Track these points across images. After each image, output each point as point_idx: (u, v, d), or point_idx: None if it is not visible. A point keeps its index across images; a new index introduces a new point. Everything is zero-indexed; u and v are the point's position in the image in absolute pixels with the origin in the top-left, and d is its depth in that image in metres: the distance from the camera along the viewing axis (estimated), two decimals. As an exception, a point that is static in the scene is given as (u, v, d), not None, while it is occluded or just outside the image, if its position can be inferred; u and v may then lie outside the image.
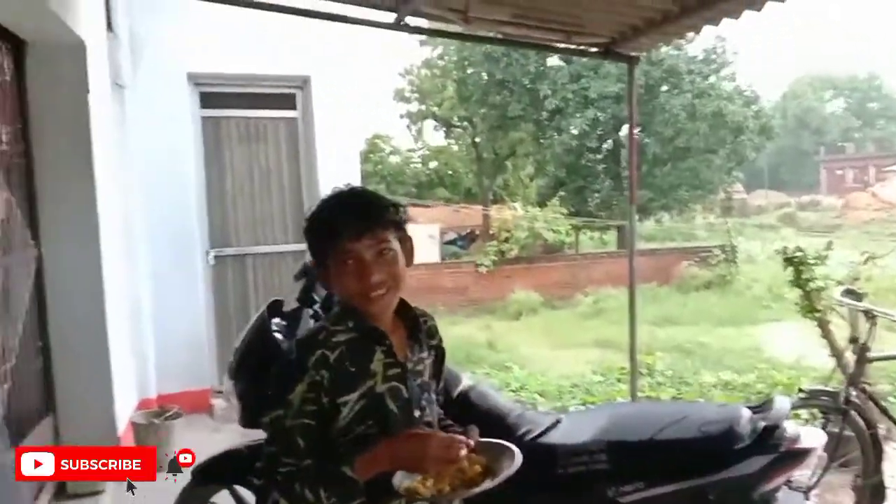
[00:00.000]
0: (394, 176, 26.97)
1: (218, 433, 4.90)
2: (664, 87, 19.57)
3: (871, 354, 3.29)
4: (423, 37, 20.48)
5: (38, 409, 3.71)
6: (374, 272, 1.41)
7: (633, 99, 4.18)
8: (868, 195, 34.89)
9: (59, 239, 3.86)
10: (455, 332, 12.47)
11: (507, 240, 17.14)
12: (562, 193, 20.46)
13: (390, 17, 3.78)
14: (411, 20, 3.82)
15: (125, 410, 4.41)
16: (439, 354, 1.65)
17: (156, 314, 5.32)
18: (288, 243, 6.06)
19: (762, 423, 2.35)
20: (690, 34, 3.91)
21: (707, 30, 3.75)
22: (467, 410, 2.19)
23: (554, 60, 19.84)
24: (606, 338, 10.76)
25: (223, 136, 5.89)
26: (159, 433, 4.16)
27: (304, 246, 1.60)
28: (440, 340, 1.67)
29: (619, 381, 7.37)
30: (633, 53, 4.08)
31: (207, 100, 5.80)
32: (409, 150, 29.90)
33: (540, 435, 2.22)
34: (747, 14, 3.43)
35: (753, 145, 20.99)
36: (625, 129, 20.24)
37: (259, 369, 2.16)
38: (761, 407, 2.53)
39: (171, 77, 5.42)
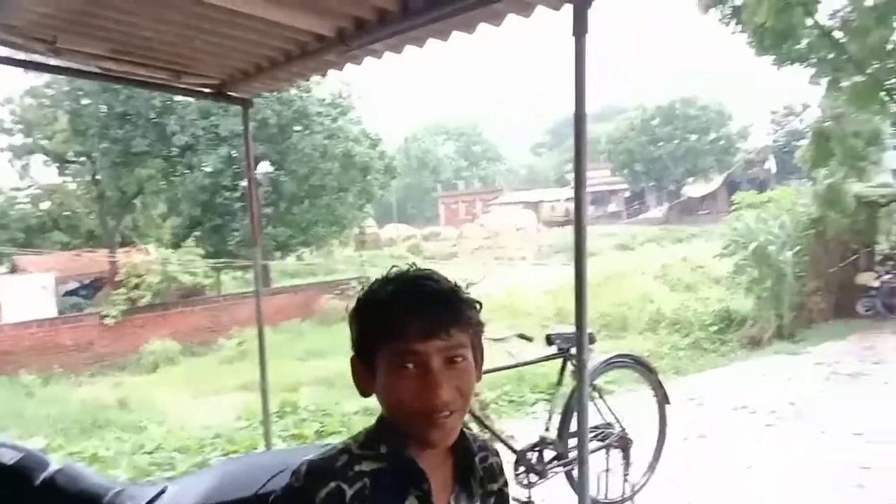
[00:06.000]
0: (-6, 220, 23.00)
1: None
2: (296, 127, 20.13)
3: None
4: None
5: None
6: (442, 385, 1.06)
7: (249, 141, 4.19)
8: (477, 226, 40.35)
9: None
10: (78, 395, 11.07)
11: (137, 286, 15.81)
12: (198, 233, 19.63)
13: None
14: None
15: None
16: (500, 501, 1.27)
17: None
18: None
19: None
20: (304, 81, 4.06)
21: (334, 75, 3.93)
22: (53, 499, 1.89)
23: (181, 95, 19.07)
24: (252, 380, 10.49)
25: None
26: None
27: None
28: (505, 484, 1.29)
29: (263, 424, 7.24)
30: (246, 96, 4.08)
31: None
32: (15, 189, 25.86)
33: (143, 509, 2.03)
34: (350, 67, 3.69)
35: (380, 184, 22.76)
36: (261, 167, 20.32)
37: None
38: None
39: None
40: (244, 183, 20.63)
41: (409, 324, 1.05)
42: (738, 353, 10.12)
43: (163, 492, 1.99)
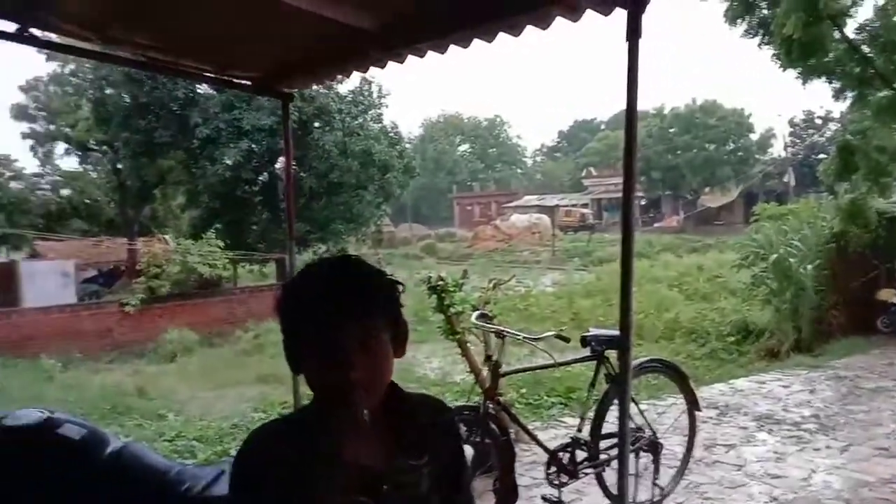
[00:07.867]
0: (16, 205, 23.28)
1: None
2: (317, 124, 20.24)
3: (503, 370, 3.75)
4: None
5: None
6: (354, 367, 1.13)
7: (288, 135, 4.22)
8: (492, 228, 40.34)
9: None
10: (98, 381, 11.18)
11: (157, 276, 15.93)
12: (217, 225, 19.77)
13: (11, 26, 3.24)
14: (39, 32, 3.33)
15: None
16: (453, 458, 1.31)
17: None
18: None
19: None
20: (345, 76, 4.08)
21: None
22: (120, 474, 1.95)
23: (205, 88, 19.21)
24: (268, 373, 10.59)
25: None
26: None
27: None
28: (456, 439, 1.35)
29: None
30: (286, 90, 4.11)
31: None
32: (36, 176, 26.21)
33: (205, 488, 2.08)
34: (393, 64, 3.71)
35: (399, 183, 22.80)
36: (280, 162, 20.41)
37: None
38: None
39: None
40: (263, 177, 20.81)
41: (324, 313, 1.14)
42: (756, 364, 10.06)
43: (222, 473, 2.04)
